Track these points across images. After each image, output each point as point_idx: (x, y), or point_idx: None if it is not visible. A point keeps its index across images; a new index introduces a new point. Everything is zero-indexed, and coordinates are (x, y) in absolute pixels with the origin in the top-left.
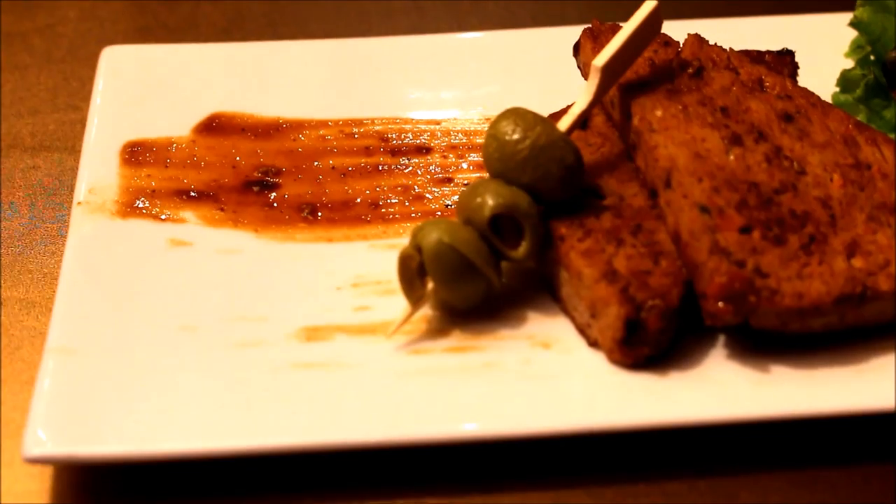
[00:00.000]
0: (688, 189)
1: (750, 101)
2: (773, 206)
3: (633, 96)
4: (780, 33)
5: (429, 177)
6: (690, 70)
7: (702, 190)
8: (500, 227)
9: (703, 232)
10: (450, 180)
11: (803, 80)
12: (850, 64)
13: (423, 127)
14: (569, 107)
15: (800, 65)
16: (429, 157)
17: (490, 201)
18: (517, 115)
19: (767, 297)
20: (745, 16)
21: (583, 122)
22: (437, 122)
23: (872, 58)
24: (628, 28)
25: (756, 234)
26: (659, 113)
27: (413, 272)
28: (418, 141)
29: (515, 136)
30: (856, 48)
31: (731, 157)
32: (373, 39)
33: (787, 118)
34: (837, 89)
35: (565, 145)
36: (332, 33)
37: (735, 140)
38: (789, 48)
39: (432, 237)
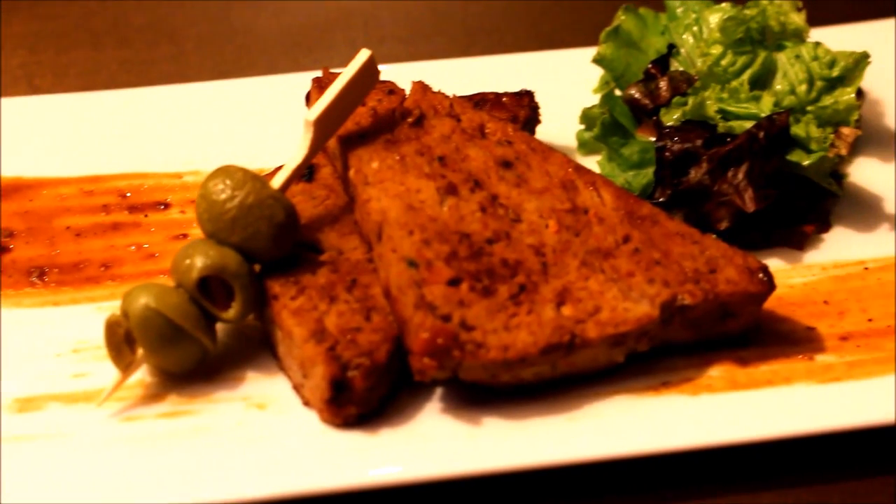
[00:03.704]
0: (397, 243)
1: (469, 148)
2: (485, 256)
3: (352, 147)
4: (531, 70)
5: (165, 234)
6: (411, 119)
7: (411, 243)
8: (210, 289)
9: (409, 286)
10: (186, 236)
11: (552, 118)
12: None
13: (164, 181)
14: None
15: (553, 102)
16: (167, 213)
17: (198, 263)
18: (226, 173)
19: (472, 351)
20: (505, 52)
21: (308, 174)
22: (180, 176)
23: (618, 93)
24: (341, 80)
25: (464, 287)
26: (375, 164)
27: (121, 338)
28: (157, 196)
29: (223, 196)
30: (604, 84)
31: (445, 208)
32: (122, 91)
33: (506, 165)
34: (583, 127)
35: (275, 203)
36: (91, 85)
37: (450, 190)
38: (528, 88)
39: (139, 302)
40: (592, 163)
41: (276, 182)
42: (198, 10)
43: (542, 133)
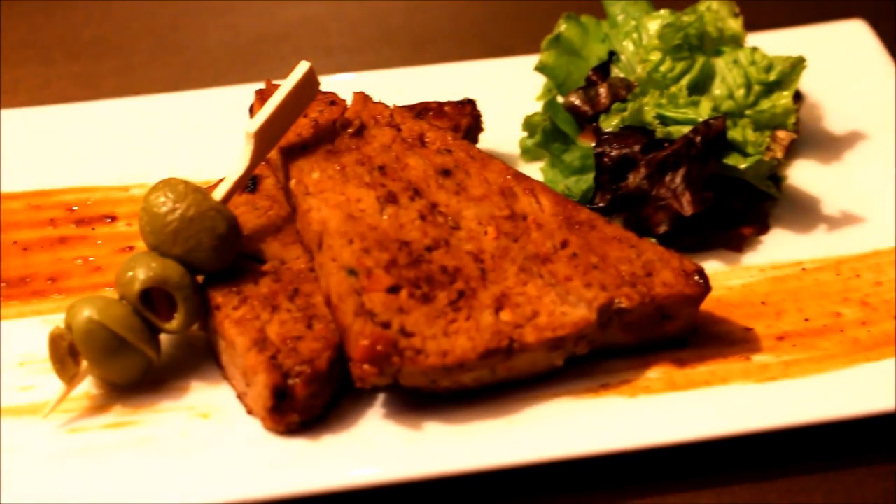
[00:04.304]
0: (337, 252)
1: (409, 157)
2: (424, 263)
3: (293, 159)
4: (475, 78)
5: (112, 247)
6: (351, 129)
7: (351, 252)
8: (152, 301)
9: (349, 294)
10: (132, 249)
11: (496, 126)
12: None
13: (112, 195)
14: None
15: (498, 110)
16: (114, 226)
17: (140, 275)
18: (168, 186)
19: (411, 357)
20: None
21: (251, 185)
22: (127, 189)
23: (560, 100)
24: (281, 93)
25: (404, 294)
26: (316, 175)
27: (64, 351)
28: (104, 210)
29: (165, 209)
30: (547, 91)
31: (385, 217)
32: (68, 106)
33: (446, 173)
34: (525, 134)
35: (216, 215)
36: (41, 100)
37: (390, 198)
38: (471, 97)
39: (82, 315)
40: (535, 169)
41: (218, 194)
42: (147, 23)
43: (486, 140)
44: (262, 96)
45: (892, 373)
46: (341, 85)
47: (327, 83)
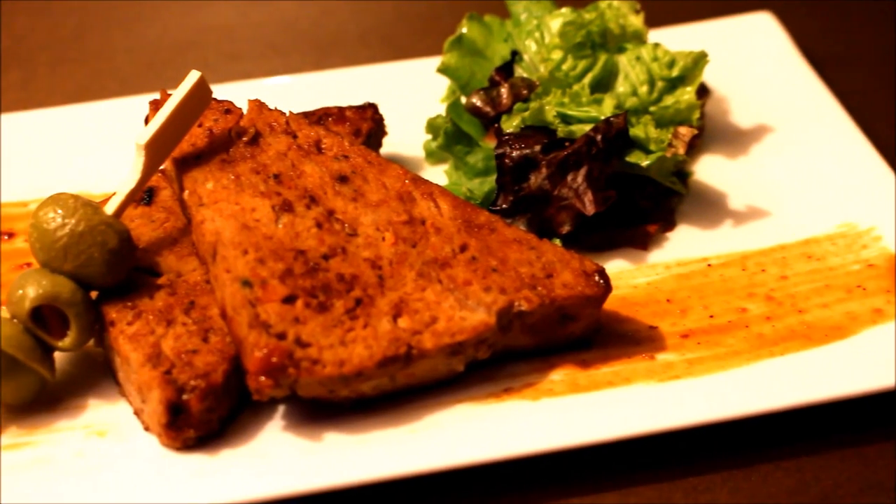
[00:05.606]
0: (231, 263)
1: (305, 164)
2: (320, 272)
3: (187, 169)
4: (381, 82)
5: (10, 264)
6: (246, 138)
7: (245, 262)
8: (45, 318)
9: (243, 306)
10: (31, 266)
11: (401, 129)
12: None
13: (9, 211)
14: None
15: (403, 113)
16: (12, 243)
17: (30, 293)
18: (57, 201)
19: (307, 368)
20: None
21: (147, 197)
22: (25, 204)
23: (464, 101)
24: (171, 103)
25: (299, 304)
26: (210, 185)
27: None
28: (2, 226)
29: (54, 224)
30: (451, 93)
31: (280, 226)
32: None
33: (342, 179)
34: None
35: (107, 229)
36: None
37: (286, 207)
38: (373, 101)
39: None
40: (440, 172)
41: (110, 208)
42: (49, 34)
43: (391, 144)
44: (157, 106)
45: (796, 368)
46: (243, 91)
47: (230, 91)
